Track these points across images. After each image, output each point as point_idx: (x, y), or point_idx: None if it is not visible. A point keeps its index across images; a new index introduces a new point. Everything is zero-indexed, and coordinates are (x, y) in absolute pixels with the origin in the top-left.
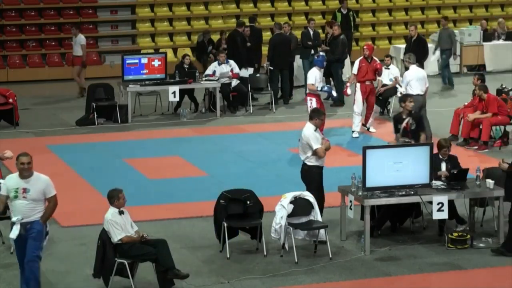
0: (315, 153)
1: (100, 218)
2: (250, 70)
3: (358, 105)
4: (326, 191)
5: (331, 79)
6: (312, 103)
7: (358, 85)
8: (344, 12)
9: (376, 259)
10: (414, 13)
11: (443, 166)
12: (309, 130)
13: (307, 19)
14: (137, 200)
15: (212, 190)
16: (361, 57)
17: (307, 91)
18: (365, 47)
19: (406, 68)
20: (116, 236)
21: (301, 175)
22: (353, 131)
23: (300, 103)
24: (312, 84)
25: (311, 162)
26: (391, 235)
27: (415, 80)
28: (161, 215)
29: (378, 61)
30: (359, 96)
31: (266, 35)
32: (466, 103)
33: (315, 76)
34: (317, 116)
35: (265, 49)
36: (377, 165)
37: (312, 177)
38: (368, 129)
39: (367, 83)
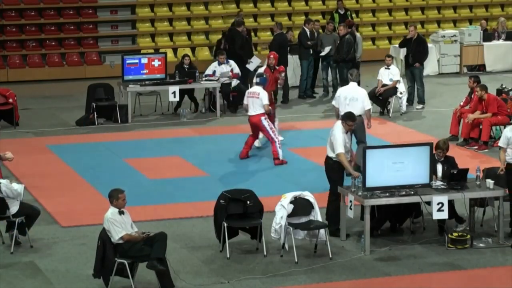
0: (337, 156)
1: (100, 218)
2: (256, 61)
3: None
4: (326, 191)
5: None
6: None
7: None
8: (342, 12)
9: (376, 259)
10: (414, 13)
11: (439, 167)
12: (338, 129)
13: (305, 19)
14: (137, 200)
15: (212, 190)
16: (265, 66)
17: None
18: (271, 55)
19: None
20: (117, 234)
21: (326, 169)
22: None
23: (298, 103)
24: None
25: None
26: (391, 235)
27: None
28: (161, 215)
29: (282, 72)
30: None
31: (266, 35)
32: (461, 103)
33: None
34: (345, 121)
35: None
36: (377, 165)
37: (338, 174)
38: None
39: None
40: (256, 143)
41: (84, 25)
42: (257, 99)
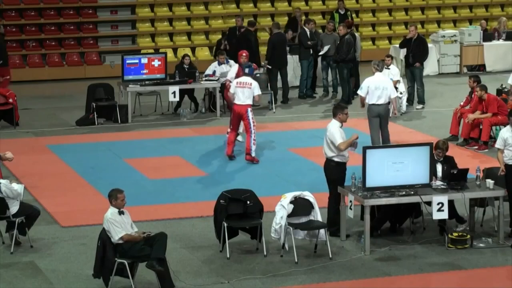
0: (337, 148)
1: (100, 218)
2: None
3: None
4: (326, 191)
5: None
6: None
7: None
8: (342, 12)
9: (376, 259)
10: (414, 13)
11: (439, 167)
12: (334, 125)
13: (305, 20)
14: (137, 200)
15: (212, 190)
16: (237, 65)
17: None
18: (243, 54)
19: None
20: (117, 234)
21: (327, 172)
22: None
23: (298, 103)
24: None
25: (340, 159)
26: (391, 235)
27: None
28: (161, 215)
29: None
30: None
31: (266, 35)
32: (461, 103)
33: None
34: (340, 111)
35: (263, 49)
36: (377, 165)
37: (340, 174)
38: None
39: None
40: (240, 138)
41: (84, 25)
42: (249, 89)
